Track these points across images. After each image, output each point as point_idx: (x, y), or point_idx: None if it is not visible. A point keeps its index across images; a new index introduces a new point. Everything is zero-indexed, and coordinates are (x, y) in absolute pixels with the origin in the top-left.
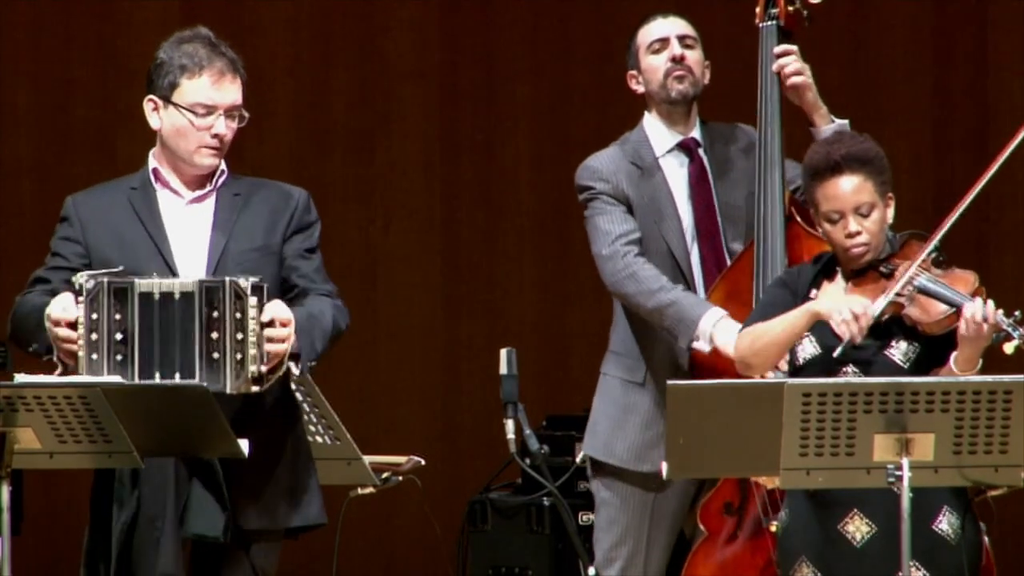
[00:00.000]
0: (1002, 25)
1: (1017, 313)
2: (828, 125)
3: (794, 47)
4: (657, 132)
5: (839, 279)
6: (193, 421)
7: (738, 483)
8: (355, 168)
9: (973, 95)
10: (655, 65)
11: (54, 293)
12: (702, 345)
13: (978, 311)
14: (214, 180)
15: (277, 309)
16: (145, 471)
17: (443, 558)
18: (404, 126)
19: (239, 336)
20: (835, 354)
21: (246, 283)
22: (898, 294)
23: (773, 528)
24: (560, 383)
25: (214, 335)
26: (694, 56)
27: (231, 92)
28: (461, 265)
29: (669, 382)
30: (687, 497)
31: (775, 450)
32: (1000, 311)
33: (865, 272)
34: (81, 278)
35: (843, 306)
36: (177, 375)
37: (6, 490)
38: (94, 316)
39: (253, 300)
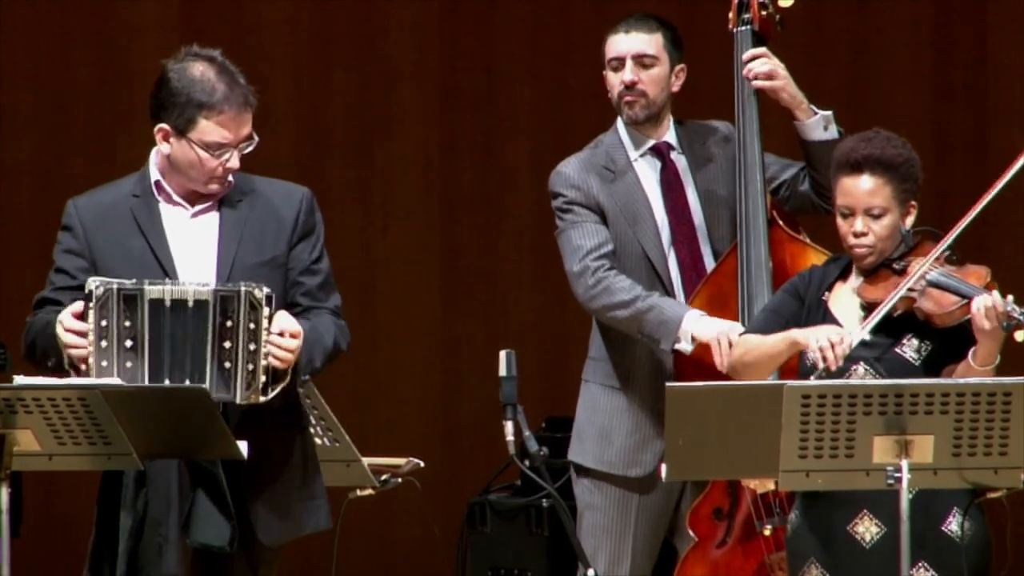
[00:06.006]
0: (1002, 25)
1: None
2: (811, 118)
3: (764, 49)
4: (629, 136)
5: (852, 279)
6: (192, 423)
7: (727, 488)
8: (354, 169)
9: (973, 95)
10: (612, 82)
11: None
12: (684, 346)
13: (988, 300)
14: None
15: (286, 321)
16: (150, 476)
17: (442, 560)
18: (403, 127)
19: (252, 346)
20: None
21: (261, 293)
22: (910, 289)
23: (767, 532)
24: (560, 384)
25: (227, 344)
26: (651, 75)
27: (246, 126)
28: (460, 266)
29: (668, 384)
30: (671, 499)
31: (774, 452)
32: (1010, 298)
33: (878, 270)
34: (92, 284)
35: (821, 334)
36: (187, 382)
37: (5, 492)
38: (103, 323)
39: (267, 311)
